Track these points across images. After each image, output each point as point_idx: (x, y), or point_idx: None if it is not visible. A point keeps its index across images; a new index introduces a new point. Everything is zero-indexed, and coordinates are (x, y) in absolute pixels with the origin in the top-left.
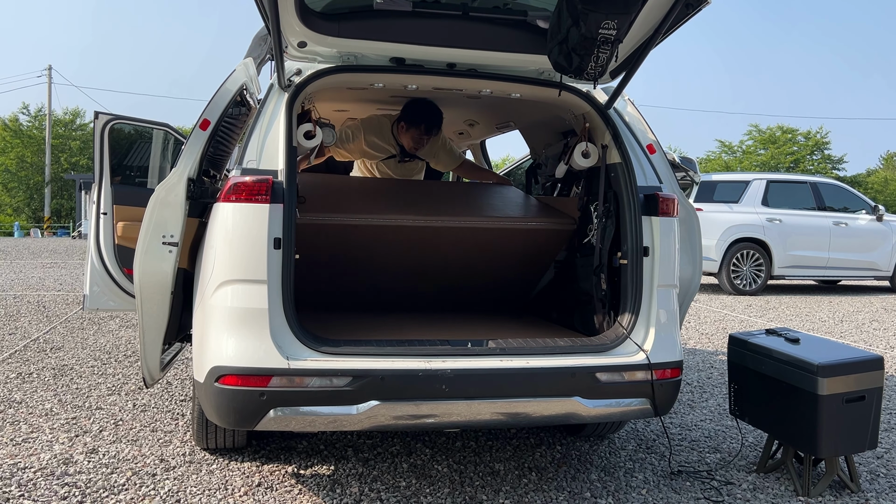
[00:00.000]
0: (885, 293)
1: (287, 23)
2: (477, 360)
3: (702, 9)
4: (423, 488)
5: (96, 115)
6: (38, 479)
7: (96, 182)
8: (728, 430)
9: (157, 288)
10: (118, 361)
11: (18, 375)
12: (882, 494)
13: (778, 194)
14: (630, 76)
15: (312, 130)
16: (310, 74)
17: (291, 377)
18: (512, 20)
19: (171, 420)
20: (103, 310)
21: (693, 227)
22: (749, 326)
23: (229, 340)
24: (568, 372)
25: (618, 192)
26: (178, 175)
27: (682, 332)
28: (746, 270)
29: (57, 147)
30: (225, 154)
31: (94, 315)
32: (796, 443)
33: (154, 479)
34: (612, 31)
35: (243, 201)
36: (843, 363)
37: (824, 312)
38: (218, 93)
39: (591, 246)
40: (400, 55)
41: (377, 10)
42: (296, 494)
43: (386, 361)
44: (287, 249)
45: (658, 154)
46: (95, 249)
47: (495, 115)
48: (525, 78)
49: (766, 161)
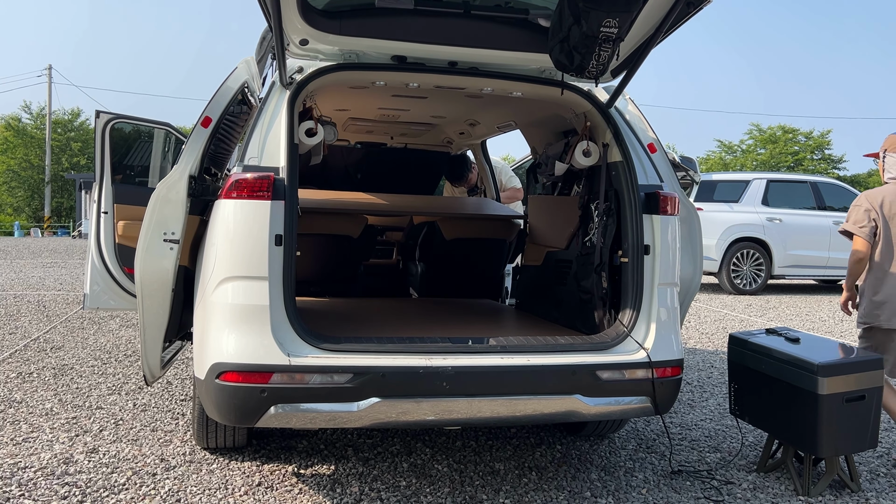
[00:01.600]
0: None
1: (289, 20)
2: (478, 358)
3: (703, 7)
4: (423, 488)
5: (97, 114)
6: (38, 479)
7: (97, 181)
8: (728, 430)
9: (158, 285)
10: (118, 361)
11: (18, 375)
12: (882, 494)
13: (778, 194)
14: (631, 75)
15: (314, 128)
16: (311, 72)
17: (292, 374)
18: (513, 18)
19: (172, 419)
20: (104, 309)
21: (693, 226)
22: (749, 326)
23: (230, 337)
24: (569, 370)
25: (619, 191)
26: (180, 172)
27: (682, 331)
28: (746, 270)
29: (57, 147)
30: (226, 152)
31: (94, 314)
32: (796, 442)
33: (154, 479)
34: (613, 30)
35: (245, 198)
36: (844, 363)
37: (824, 312)
38: (219, 90)
39: (591, 244)
40: (401, 53)
41: (379, 8)
42: (296, 494)
43: (387, 358)
44: (288, 246)
45: (659, 153)
46: (96, 248)
47: (496, 115)
48: (526, 76)
49: (766, 160)
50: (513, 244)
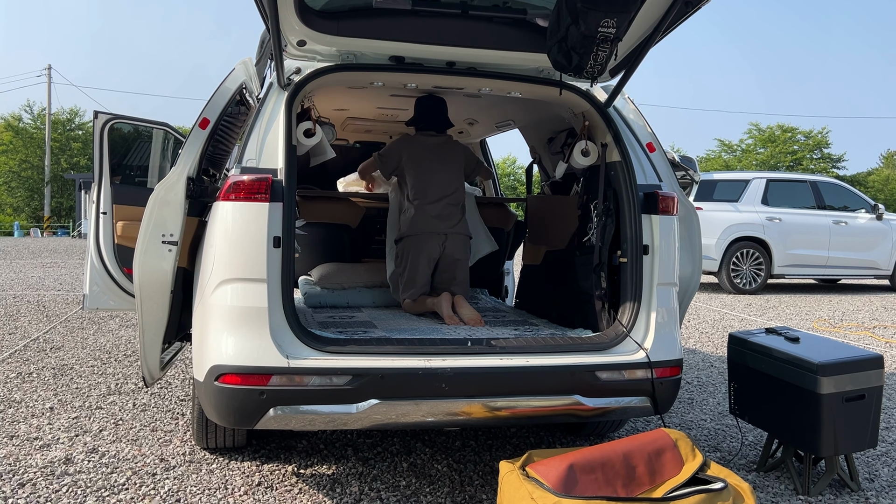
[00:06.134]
0: (884, 292)
1: (286, 21)
2: (477, 359)
3: (701, 7)
4: (422, 488)
5: (96, 115)
6: (37, 479)
7: (96, 181)
8: (728, 429)
9: (156, 287)
10: (118, 361)
11: (18, 375)
12: (882, 493)
13: (778, 193)
14: (630, 74)
15: (312, 129)
16: (309, 73)
17: (291, 376)
18: (511, 19)
19: (171, 420)
20: (103, 309)
21: (693, 226)
22: (749, 325)
23: (229, 339)
24: (568, 370)
25: (617, 191)
26: (178, 174)
27: (682, 330)
28: (746, 269)
29: (57, 147)
30: (224, 153)
31: (93, 315)
32: (796, 442)
33: (154, 479)
34: (611, 30)
35: (242, 200)
36: (843, 362)
37: (824, 311)
38: (217, 91)
39: (590, 244)
40: (399, 53)
41: (376, 9)
42: (296, 494)
43: (386, 360)
44: (287, 248)
45: (658, 152)
46: (95, 249)
47: (495, 114)
48: (524, 76)
49: (765, 160)
50: (511, 235)
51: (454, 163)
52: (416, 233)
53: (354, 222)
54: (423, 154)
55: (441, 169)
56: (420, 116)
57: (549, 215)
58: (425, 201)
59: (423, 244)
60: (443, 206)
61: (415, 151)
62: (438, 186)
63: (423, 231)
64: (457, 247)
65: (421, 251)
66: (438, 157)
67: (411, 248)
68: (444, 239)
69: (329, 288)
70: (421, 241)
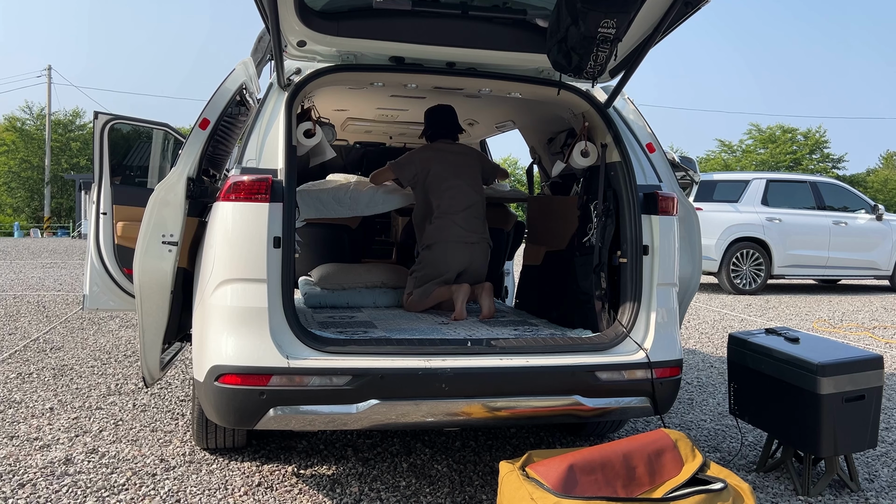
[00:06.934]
0: (884, 292)
1: (286, 22)
2: (476, 359)
3: (701, 7)
4: (422, 488)
5: (96, 115)
6: (37, 480)
7: (96, 182)
8: (728, 430)
9: (156, 287)
10: (118, 361)
11: (18, 375)
12: (882, 493)
13: (778, 193)
14: (629, 75)
15: (312, 129)
16: (309, 73)
17: (291, 376)
18: (511, 19)
19: (171, 420)
20: (103, 309)
21: (692, 226)
22: (749, 326)
23: (229, 339)
24: (567, 370)
25: (617, 191)
26: (178, 174)
27: (681, 331)
28: (746, 270)
29: (57, 147)
30: (224, 153)
31: (93, 315)
32: (796, 442)
33: (154, 479)
34: (611, 30)
35: (243, 200)
36: (843, 362)
37: (824, 312)
38: (217, 92)
39: (590, 244)
40: (399, 54)
41: (376, 10)
42: (296, 494)
43: (385, 360)
44: (287, 248)
45: (657, 153)
46: (95, 249)
47: (495, 114)
48: (524, 77)
49: (765, 160)
50: (510, 235)
51: (473, 170)
52: (448, 240)
53: (354, 223)
54: (445, 165)
55: (463, 179)
56: (435, 127)
57: (549, 216)
58: (452, 212)
59: (455, 251)
60: (468, 216)
61: (436, 163)
62: (464, 196)
63: (453, 240)
64: (482, 253)
65: (454, 255)
66: (459, 168)
67: (445, 251)
68: (471, 249)
69: (329, 288)
70: (454, 248)
